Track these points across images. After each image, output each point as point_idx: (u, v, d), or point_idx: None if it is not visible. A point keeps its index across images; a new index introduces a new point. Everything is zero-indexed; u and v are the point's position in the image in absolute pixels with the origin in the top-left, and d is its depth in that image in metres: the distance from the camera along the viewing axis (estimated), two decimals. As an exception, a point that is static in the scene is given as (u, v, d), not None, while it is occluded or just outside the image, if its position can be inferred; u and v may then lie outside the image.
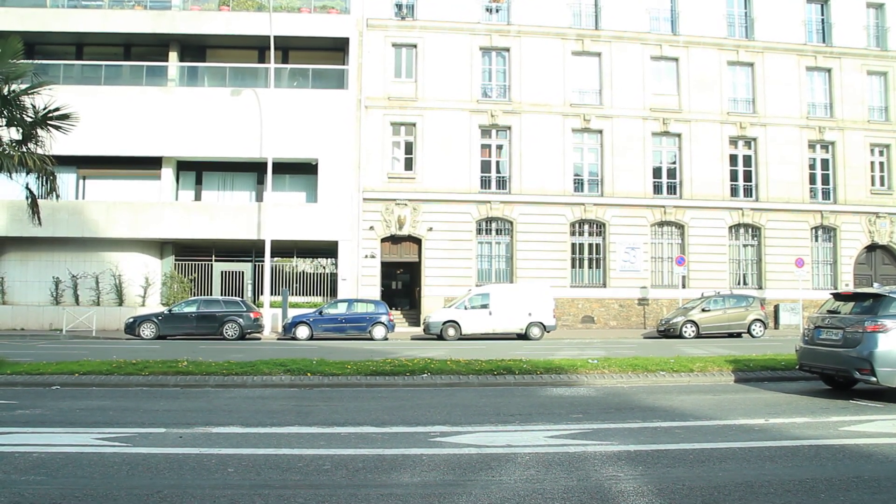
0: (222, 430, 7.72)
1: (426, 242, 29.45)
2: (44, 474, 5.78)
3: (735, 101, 31.91)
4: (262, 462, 6.25)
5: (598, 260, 30.76)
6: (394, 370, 12.06)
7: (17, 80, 14.68)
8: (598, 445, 6.96)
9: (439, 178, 29.56)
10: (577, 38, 30.80)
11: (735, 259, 31.70)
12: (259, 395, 10.81)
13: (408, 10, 30.26)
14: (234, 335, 24.20)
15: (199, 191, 30.58)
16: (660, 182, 31.27)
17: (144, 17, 29.53)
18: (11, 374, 11.92)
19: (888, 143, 32.63)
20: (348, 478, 5.74)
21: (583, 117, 30.51)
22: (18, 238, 27.96)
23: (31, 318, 27.94)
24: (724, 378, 12.35)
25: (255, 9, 29.81)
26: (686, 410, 9.17)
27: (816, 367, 10.97)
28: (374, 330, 24.44)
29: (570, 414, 8.94)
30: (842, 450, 6.85)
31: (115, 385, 11.43)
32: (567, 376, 12.02)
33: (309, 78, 29.98)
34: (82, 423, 8.24)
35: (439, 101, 29.76)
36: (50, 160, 14.94)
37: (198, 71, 30.30)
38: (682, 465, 6.17)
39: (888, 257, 32.61)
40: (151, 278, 28.63)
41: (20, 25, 26.36)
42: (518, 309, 25.02)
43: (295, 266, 30.39)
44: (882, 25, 32.96)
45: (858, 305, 10.72)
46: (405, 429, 7.88)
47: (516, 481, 5.58)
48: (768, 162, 31.53)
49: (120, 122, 28.14)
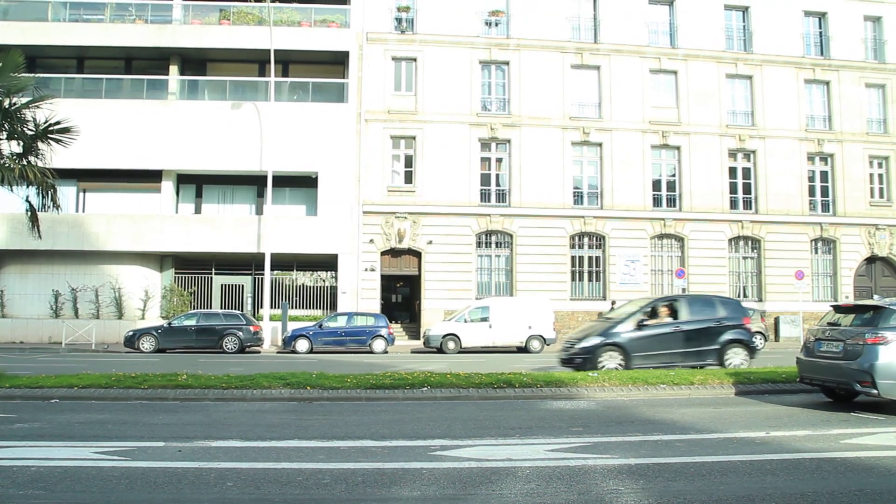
0: (221, 444, 7.69)
1: (426, 255, 29.45)
2: (42, 488, 5.76)
3: (734, 114, 32.01)
4: (261, 476, 6.23)
5: (598, 273, 30.75)
6: (394, 383, 12.01)
7: (19, 93, 14.69)
8: (599, 459, 6.94)
9: (439, 191, 29.60)
10: (576, 51, 30.93)
11: (735, 271, 31.69)
12: (258, 408, 10.77)
13: (408, 24, 30.40)
14: (234, 348, 24.16)
15: (200, 204, 30.62)
16: (659, 195, 31.31)
17: (145, 31, 29.69)
18: (10, 387, 11.88)
19: (887, 155, 32.70)
20: (348, 492, 5.72)
21: (582, 130, 30.59)
22: (18, 251, 27.98)
23: (31, 331, 27.90)
24: (724, 391, 12.31)
25: (256, 23, 29.93)
26: (687, 423, 9.14)
27: (817, 380, 10.95)
28: (374, 343, 24.41)
29: (571, 427, 8.91)
30: (843, 463, 6.82)
31: (115, 398, 11.39)
32: (567, 389, 11.98)
33: (309, 91, 30.09)
34: (81, 436, 8.21)
35: (439, 114, 29.85)
36: (51, 173, 14.93)
37: (198, 84, 30.41)
38: (683, 479, 6.14)
39: (888, 269, 32.60)
40: (151, 291, 28.60)
41: (22, 39, 26.44)
42: (518, 322, 25.00)
43: (295, 279, 30.38)
44: (880, 38, 33.11)
45: (859, 317, 10.71)
46: (405, 442, 7.85)
47: (517, 495, 5.56)
48: (768, 174, 31.59)
49: (120, 135, 28.20)
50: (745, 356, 15.73)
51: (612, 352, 15.11)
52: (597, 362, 14.86)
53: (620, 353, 15.09)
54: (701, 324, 15.71)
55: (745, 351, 15.84)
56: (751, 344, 16.31)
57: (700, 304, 16.81)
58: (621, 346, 15.15)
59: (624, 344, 15.15)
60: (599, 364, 14.79)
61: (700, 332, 15.57)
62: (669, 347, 15.35)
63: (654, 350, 15.22)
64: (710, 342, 15.52)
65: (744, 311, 16.76)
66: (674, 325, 15.56)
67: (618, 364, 14.90)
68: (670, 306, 16.02)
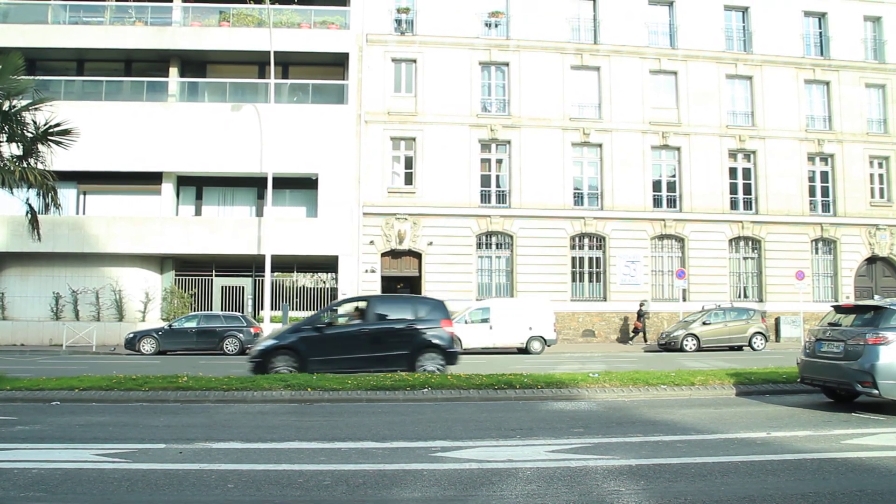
0: (222, 446, 7.69)
1: (426, 257, 29.45)
2: (43, 490, 5.76)
3: (734, 115, 32.01)
4: (262, 478, 6.23)
5: (598, 273, 30.74)
6: (394, 385, 12.02)
7: (19, 95, 14.72)
8: (600, 460, 6.94)
9: (439, 192, 29.60)
10: (576, 52, 30.93)
11: (735, 272, 31.68)
12: (259, 410, 10.78)
13: (407, 26, 30.40)
14: (235, 350, 24.18)
15: (200, 206, 30.62)
16: (660, 195, 31.30)
17: (145, 33, 29.69)
18: (11, 389, 11.89)
19: (887, 155, 32.69)
20: (349, 493, 5.72)
21: (582, 131, 30.59)
22: (19, 253, 27.97)
23: (31, 333, 27.89)
24: (725, 391, 12.31)
25: (256, 24, 29.94)
26: (687, 424, 9.14)
27: (818, 380, 10.94)
28: (374, 344, 24.33)
29: (572, 428, 8.91)
30: (844, 463, 6.82)
31: (115, 400, 11.39)
32: (568, 390, 11.98)
33: (309, 93, 30.10)
34: (82, 438, 8.21)
35: (439, 115, 29.84)
36: (51, 175, 14.95)
37: (198, 86, 30.42)
38: (684, 480, 6.14)
39: (888, 269, 32.58)
40: (151, 293, 28.57)
41: (22, 41, 26.44)
42: (518, 323, 24.99)
43: (295, 281, 30.37)
44: (880, 38, 33.12)
45: (859, 318, 10.71)
46: (406, 444, 7.85)
47: (518, 496, 5.56)
48: (768, 175, 31.58)
49: (120, 137, 28.20)
50: (441, 362, 14.55)
51: (285, 355, 14.20)
52: (268, 366, 13.95)
53: (294, 356, 14.16)
54: (390, 326, 14.82)
55: (441, 356, 14.64)
56: (448, 348, 14.85)
57: (395, 304, 16.12)
58: (294, 349, 14.26)
59: (297, 347, 14.27)
60: (272, 368, 13.89)
61: (389, 335, 14.66)
62: (352, 352, 14.36)
63: (335, 354, 14.24)
64: (400, 346, 14.51)
65: (444, 313, 15.23)
66: (358, 326, 14.79)
67: (290, 368, 13.90)
68: (358, 307, 15.28)
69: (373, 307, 15.20)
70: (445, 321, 15.05)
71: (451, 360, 14.86)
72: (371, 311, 15.04)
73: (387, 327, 14.83)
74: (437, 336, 14.78)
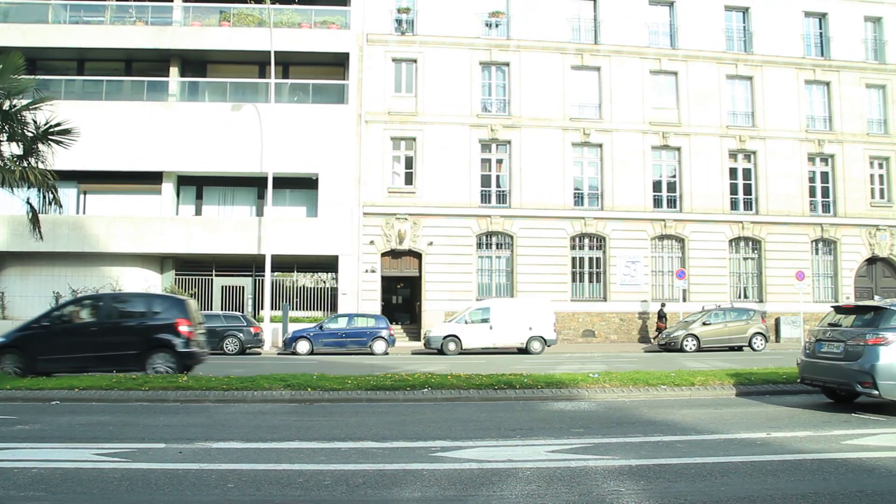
0: (222, 446, 7.69)
1: (426, 257, 29.44)
2: (42, 490, 5.76)
3: (734, 115, 32.01)
4: (262, 477, 6.23)
5: (598, 274, 30.73)
6: (394, 385, 12.02)
7: (19, 95, 14.75)
8: (600, 460, 6.93)
9: (439, 192, 29.59)
10: (576, 52, 30.93)
11: (735, 272, 31.68)
12: (259, 410, 10.78)
13: (408, 26, 30.39)
14: (235, 350, 24.20)
15: (200, 205, 30.62)
16: (660, 196, 31.30)
17: (145, 33, 29.69)
18: (11, 389, 11.90)
19: (888, 155, 32.69)
20: (349, 493, 5.71)
21: (582, 131, 30.58)
22: (19, 253, 27.96)
23: (31, 333, 27.82)
24: (725, 392, 12.31)
25: (256, 24, 29.93)
26: (687, 424, 9.13)
27: (818, 381, 10.93)
28: (375, 345, 24.41)
29: (572, 428, 8.91)
30: (844, 464, 6.82)
31: (115, 400, 11.40)
32: (568, 390, 11.97)
33: (309, 93, 30.10)
34: (82, 438, 8.21)
35: (439, 115, 29.84)
36: (51, 175, 14.98)
37: (198, 86, 30.42)
38: (684, 480, 6.14)
39: (889, 270, 32.58)
40: (152, 293, 28.58)
41: (22, 41, 26.43)
42: (519, 323, 24.97)
43: (295, 281, 30.36)
44: (880, 39, 33.11)
45: (860, 318, 10.70)
46: (406, 444, 7.84)
47: (517, 496, 5.55)
48: (768, 175, 31.57)
49: (121, 136, 28.19)
50: (172, 363, 13.82)
51: (12, 354, 13.63)
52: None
53: (21, 355, 13.64)
54: (120, 323, 14.31)
55: (172, 356, 13.90)
56: (179, 348, 14.02)
57: (130, 302, 15.56)
58: (21, 347, 13.72)
59: (24, 346, 13.76)
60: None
61: (119, 334, 14.12)
62: (81, 350, 13.67)
63: (63, 353, 13.63)
64: (129, 346, 13.90)
65: (181, 312, 14.38)
66: (84, 324, 14.30)
67: (15, 369, 13.37)
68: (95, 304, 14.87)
69: (107, 304, 14.86)
70: (182, 320, 14.17)
71: (185, 360, 14.10)
72: (104, 308, 14.68)
73: (117, 325, 14.29)
74: (169, 336, 14.09)
